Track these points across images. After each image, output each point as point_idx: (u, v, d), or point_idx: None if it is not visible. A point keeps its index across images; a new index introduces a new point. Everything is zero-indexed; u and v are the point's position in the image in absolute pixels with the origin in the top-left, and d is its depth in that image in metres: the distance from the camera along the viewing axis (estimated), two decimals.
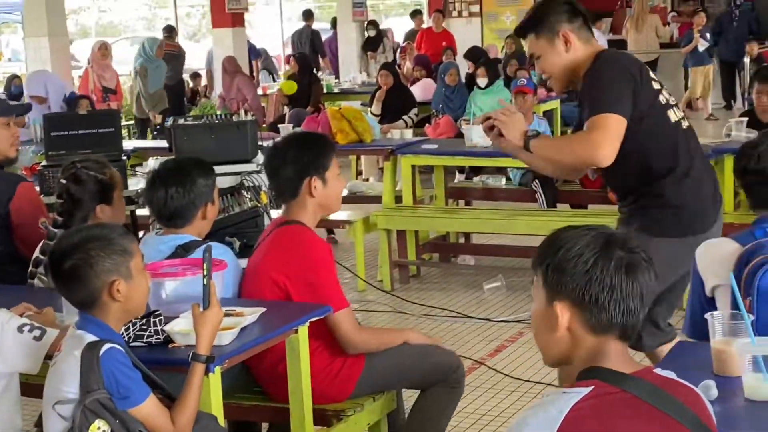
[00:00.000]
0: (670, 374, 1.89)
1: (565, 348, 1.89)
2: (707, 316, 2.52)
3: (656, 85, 3.45)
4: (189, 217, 3.54)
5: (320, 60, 16.09)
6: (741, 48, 13.99)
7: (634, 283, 1.83)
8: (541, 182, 7.17)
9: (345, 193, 3.70)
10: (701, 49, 13.93)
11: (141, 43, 12.32)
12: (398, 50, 15.60)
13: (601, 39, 14.90)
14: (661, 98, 3.43)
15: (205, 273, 2.74)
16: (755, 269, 2.61)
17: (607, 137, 3.22)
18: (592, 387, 1.79)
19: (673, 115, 3.44)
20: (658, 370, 1.89)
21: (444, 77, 10.24)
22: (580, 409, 1.76)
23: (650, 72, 3.49)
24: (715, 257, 2.76)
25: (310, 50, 16.04)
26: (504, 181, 7.59)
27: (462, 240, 7.48)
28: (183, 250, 3.45)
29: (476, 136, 7.03)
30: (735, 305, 2.45)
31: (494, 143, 3.55)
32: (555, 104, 10.26)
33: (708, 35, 14.02)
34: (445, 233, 7.30)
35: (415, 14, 16.60)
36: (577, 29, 3.44)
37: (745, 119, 6.29)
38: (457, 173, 9.09)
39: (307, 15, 16.64)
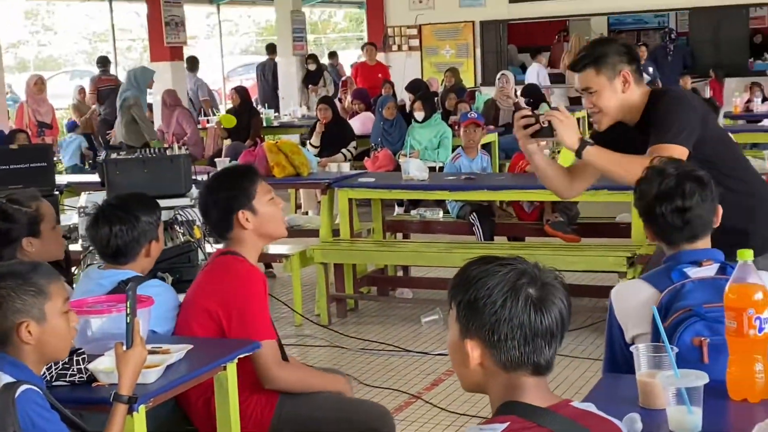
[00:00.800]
0: (589, 407, 1.90)
1: (478, 380, 1.90)
2: (632, 348, 2.52)
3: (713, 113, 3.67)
4: (133, 255, 3.51)
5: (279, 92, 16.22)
6: (675, 82, 14.25)
7: (543, 321, 1.84)
8: (479, 215, 7.20)
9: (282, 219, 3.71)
10: None
11: (130, 73, 12.06)
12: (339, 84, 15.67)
13: (542, 72, 15.13)
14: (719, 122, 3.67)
15: (128, 311, 2.69)
16: (676, 323, 2.60)
17: None
18: (508, 423, 1.79)
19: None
20: (576, 403, 1.89)
21: (382, 111, 10.29)
22: None
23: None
24: (632, 304, 2.74)
25: (273, 82, 16.20)
26: (441, 214, 7.60)
27: (400, 273, 7.47)
28: (125, 285, 3.37)
29: (413, 169, 7.06)
30: (658, 337, 2.46)
31: (521, 141, 3.56)
32: (493, 137, 10.35)
33: (651, 69, 14.26)
34: (383, 266, 7.29)
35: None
36: (634, 71, 3.55)
37: None
38: (396, 206, 9.11)
39: (271, 49, 16.85)
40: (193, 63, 14.99)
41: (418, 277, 7.41)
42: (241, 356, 3.20)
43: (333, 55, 18.55)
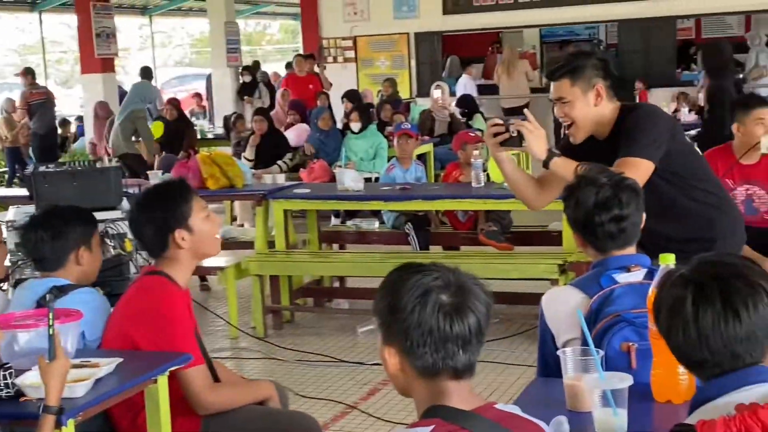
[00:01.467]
0: (514, 409, 1.91)
1: (403, 385, 1.92)
2: (559, 352, 2.56)
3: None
4: (60, 261, 3.50)
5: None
6: None
7: (453, 326, 1.84)
8: (414, 225, 7.24)
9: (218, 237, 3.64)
10: None
11: (138, 87, 11.78)
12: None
13: (470, 84, 15.24)
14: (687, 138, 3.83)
15: (50, 323, 2.67)
16: (604, 329, 2.64)
17: (637, 179, 3.37)
18: (433, 426, 1.80)
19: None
20: (500, 406, 1.91)
21: (317, 122, 10.29)
22: None
23: None
24: (562, 310, 2.77)
25: None
26: (377, 224, 7.63)
27: (337, 284, 7.47)
28: (59, 291, 3.41)
29: (348, 179, 7.06)
30: (584, 341, 2.50)
31: (491, 148, 3.62)
32: (428, 148, 10.41)
33: None
34: (319, 278, 7.29)
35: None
36: (607, 87, 3.62)
37: None
38: (332, 217, 9.11)
39: None
40: (146, 72, 14.73)
41: (354, 287, 7.41)
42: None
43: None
